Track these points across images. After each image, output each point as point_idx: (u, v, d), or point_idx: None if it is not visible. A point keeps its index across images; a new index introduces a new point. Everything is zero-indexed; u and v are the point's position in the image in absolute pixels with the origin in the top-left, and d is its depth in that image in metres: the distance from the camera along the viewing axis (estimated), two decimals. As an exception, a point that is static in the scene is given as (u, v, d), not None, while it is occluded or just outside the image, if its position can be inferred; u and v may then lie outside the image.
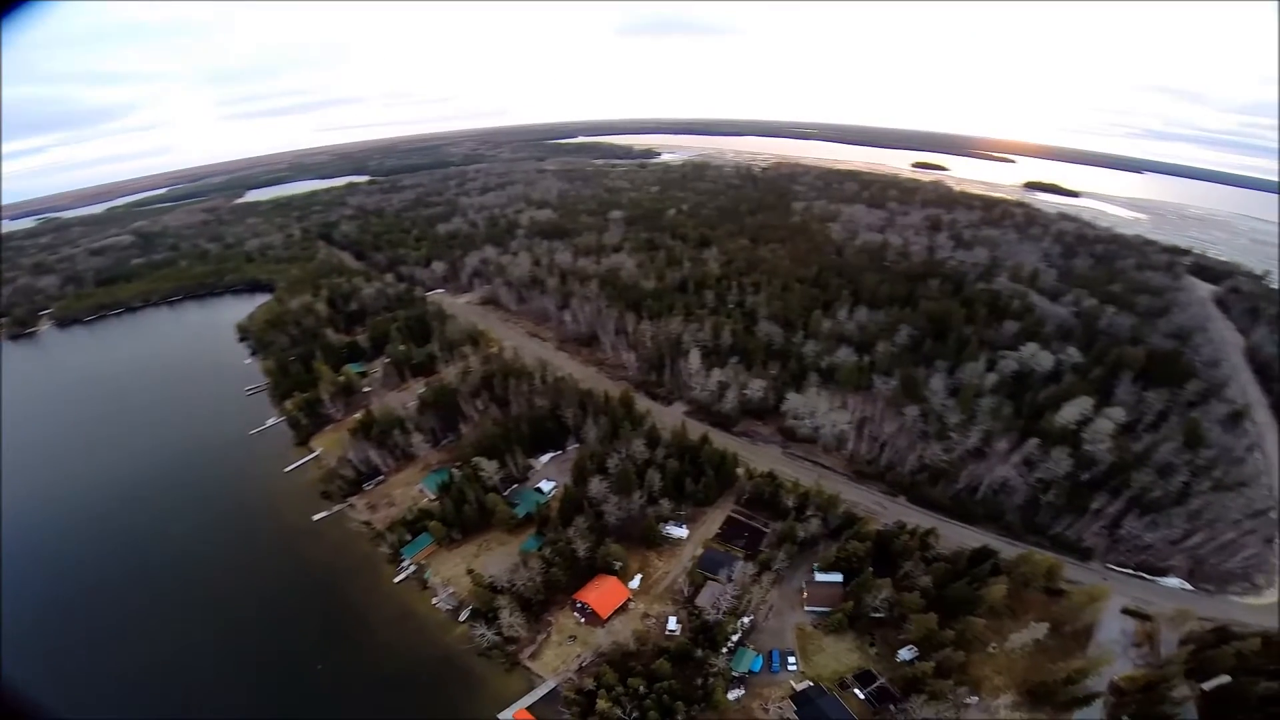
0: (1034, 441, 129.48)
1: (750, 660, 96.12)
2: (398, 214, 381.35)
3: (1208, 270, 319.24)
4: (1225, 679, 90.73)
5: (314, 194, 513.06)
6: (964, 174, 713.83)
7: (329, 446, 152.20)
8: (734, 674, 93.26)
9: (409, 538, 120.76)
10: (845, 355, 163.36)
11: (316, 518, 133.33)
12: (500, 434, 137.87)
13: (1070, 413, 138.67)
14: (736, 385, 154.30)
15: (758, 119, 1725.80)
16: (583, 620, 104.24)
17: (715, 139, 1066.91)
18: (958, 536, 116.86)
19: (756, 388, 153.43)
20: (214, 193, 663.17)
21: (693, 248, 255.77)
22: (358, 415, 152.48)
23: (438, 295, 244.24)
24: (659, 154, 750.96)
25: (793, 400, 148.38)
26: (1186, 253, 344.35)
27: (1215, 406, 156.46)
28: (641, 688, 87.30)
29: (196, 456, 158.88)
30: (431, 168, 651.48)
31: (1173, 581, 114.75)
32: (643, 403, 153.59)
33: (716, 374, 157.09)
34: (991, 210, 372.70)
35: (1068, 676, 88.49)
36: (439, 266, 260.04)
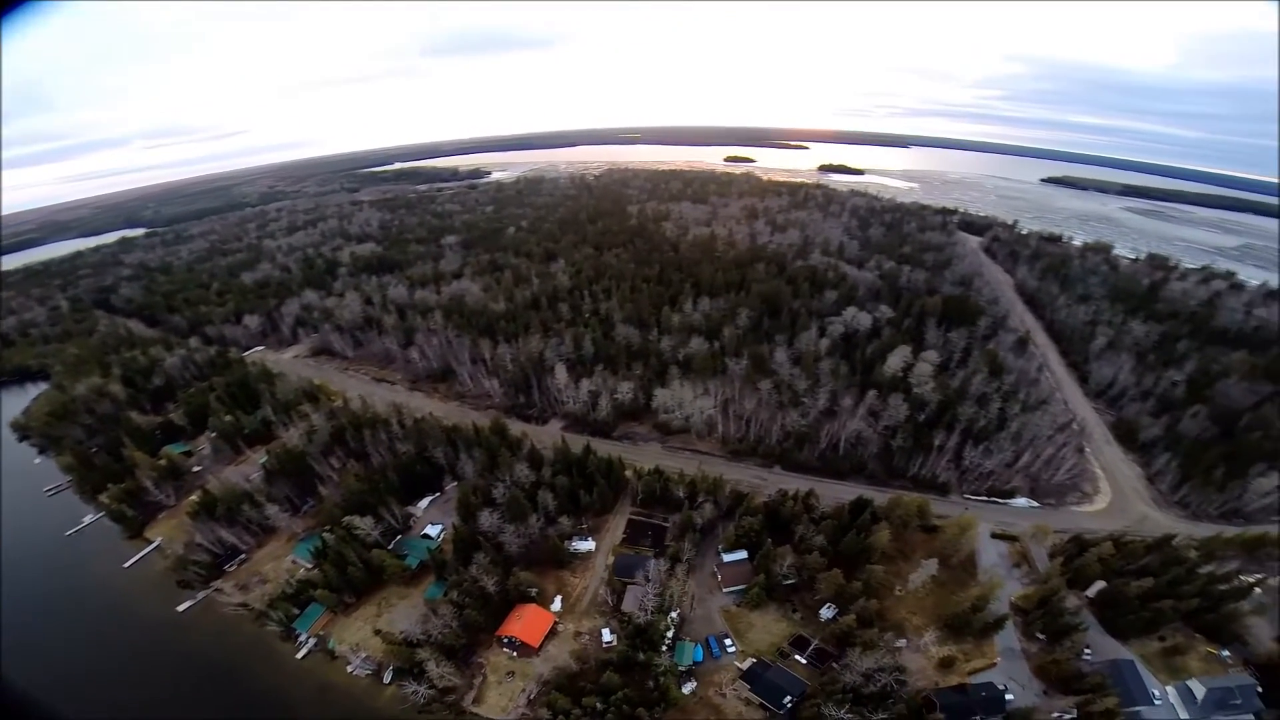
0: (872, 393, 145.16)
1: (691, 652, 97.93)
2: (190, 267, 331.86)
3: (972, 225, 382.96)
4: (1102, 584, 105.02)
5: (77, 255, 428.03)
6: (769, 164, 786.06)
7: (170, 534, 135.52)
8: (680, 668, 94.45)
9: (297, 611, 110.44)
10: (698, 345, 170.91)
11: (182, 608, 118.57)
12: (367, 488, 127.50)
13: (895, 362, 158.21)
14: (607, 391, 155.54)
15: (585, 128, 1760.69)
16: (515, 654, 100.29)
17: (546, 152, 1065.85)
18: (833, 493, 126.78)
19: (625, 390, 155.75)
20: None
21: (539, 263, 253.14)
22: (194, 497, 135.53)
23: (258, 353, 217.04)
24: (489, 173, 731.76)
25: (661, 396, 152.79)
26: (954, 212, 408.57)
27: (1004, 336, 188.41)
28: (598, 704, 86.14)
29: (10, 569, 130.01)
30: (223, 211, 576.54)
31: (1021, 501, 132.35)
32: (516, 427, 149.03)
33: (586, 384, 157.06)
34: (796, 194, 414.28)
35: (972, 605, 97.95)
36: (253, 321, 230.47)
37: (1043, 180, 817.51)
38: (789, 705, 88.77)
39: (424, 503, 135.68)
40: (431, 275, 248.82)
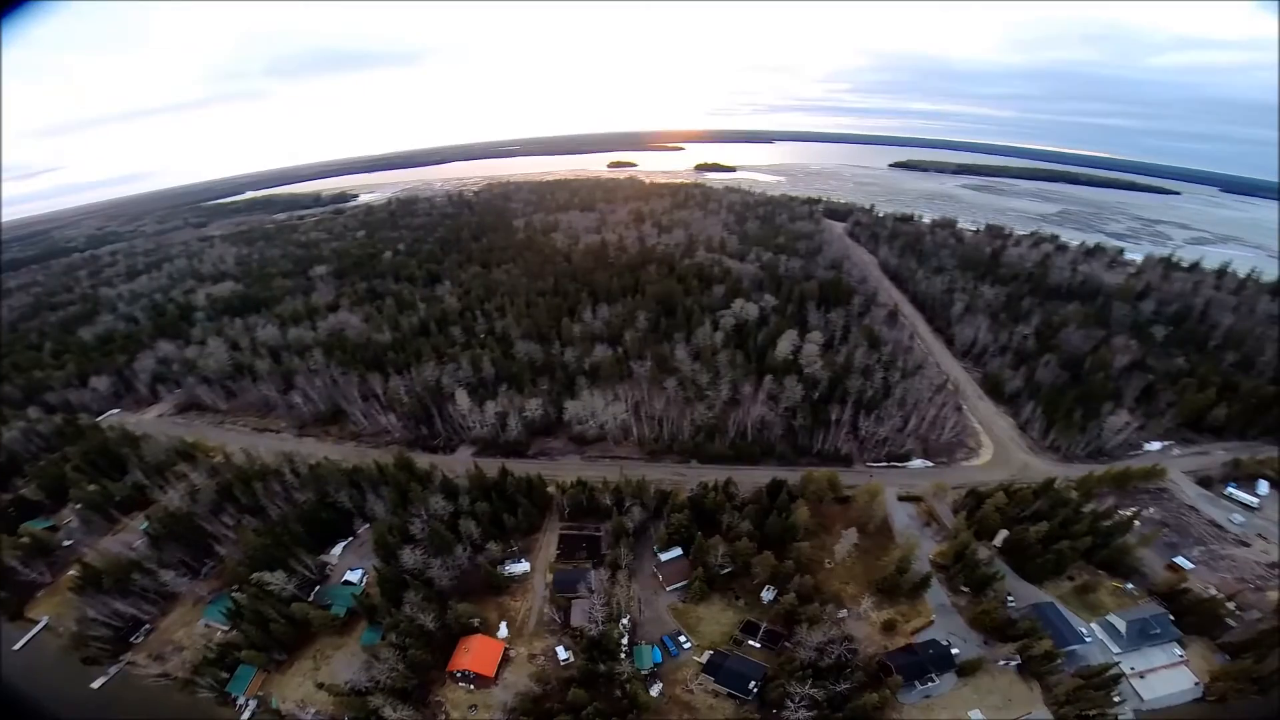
0: (768, 378, 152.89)
1: (649, 654, 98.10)
2: (14, 327, 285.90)
3: (835, 212, 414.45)
4: (1005, 533, 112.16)
5: None
6: (650, 166, 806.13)
7: (56, 611, 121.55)
8: (643, 672, 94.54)
9: (226, 675, 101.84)
10: (601, 352, 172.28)
11: (97, 685, 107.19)
12: (270, 542, 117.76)
13: (784, 346, 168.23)
14: (515, 410, 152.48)
15: (458, 144, 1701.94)
16: (472, 687, 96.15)
17: (418, 170, 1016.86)
18: (750, 478, 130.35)
19: (534, 407, 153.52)
20: None
21: (422, 287, 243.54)
22: (72, 572, 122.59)
23: (115, 417, 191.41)
24: (356, 195, 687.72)
25: (572, 407, 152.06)
26: (818, 201, 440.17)
27: (876, 311, 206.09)
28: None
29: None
30: (43, 259, 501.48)
31: (917, 463, 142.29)
32: (423, 459, 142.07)
33: (491, 406, 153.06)
34: (678, 195, 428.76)
35: (897, 567, 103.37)
36: (101, 381, 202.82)
37: (891, 165, 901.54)
38: (754, 690, 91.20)
39: (337, 549, 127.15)
40: (304, 310, 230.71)
